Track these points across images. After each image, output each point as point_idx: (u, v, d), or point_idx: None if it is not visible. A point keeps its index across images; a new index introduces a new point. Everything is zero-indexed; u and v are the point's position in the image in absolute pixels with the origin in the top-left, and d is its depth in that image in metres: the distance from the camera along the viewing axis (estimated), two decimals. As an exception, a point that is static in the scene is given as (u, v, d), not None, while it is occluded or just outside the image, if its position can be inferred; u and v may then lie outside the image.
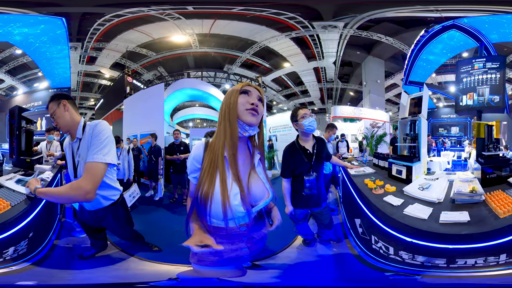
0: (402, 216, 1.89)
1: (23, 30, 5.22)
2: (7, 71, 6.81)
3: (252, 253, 1.11)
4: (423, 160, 2.80)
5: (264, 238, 1.17)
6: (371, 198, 2.18)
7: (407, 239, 1.75)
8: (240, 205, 0.96)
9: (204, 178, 0.95)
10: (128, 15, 5.49)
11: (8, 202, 1.86)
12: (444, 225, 1.73)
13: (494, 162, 2.42)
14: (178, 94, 6.97)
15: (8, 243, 1.69)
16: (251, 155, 1.06)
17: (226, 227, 0.99)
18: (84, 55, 6.79)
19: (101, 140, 1.33)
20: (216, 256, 1.03)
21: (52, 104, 1.53)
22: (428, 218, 1.82)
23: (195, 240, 0.91)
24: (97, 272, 1.89)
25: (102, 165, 1.29)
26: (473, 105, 4.97)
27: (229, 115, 0.95)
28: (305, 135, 2.08)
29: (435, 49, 5.90)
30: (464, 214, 1.80)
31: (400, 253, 1.80)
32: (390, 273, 1.80)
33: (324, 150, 2.13)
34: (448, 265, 1.67)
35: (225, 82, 7.78)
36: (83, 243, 2.28)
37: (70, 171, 1.59)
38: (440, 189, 2.27)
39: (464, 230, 1.67)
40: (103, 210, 1.65)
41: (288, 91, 9.27)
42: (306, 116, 2.01)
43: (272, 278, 1.82)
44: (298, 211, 2.15)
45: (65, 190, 1.27)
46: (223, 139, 0.96)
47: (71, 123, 1.52)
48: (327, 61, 7.36)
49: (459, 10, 5.12)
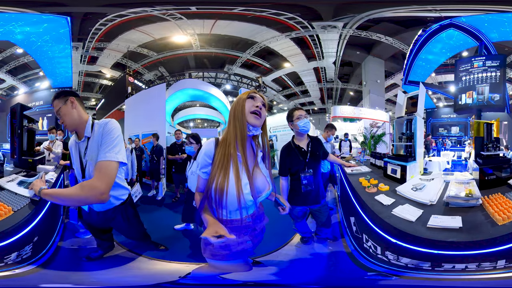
0: (389, 216, 1.81)
1: (25, 28, 5.21)
2: (8, 71, 6.84)
3: (254, 246, 1.20)
4: (419, 159, 2.75)
5: (263, 230, 1.26)
6: (363, 196, 2.16)
7: (392, 240, 1.69)
8: (249, 194, 1.08)
9: (218, 172, 1.05)
10: (130, 15, 5.51)
11: (10, 207, 1.72)
12: (431, 230, 1.61)
13: (493, 163, 2.28)
14: (179, 94, 7.00)
15: (11, 249, 1.58)
16: (254, 153, 1.17)
17: (241, 217, 1.10)
18: (86, 55, 6.81)
19: (113, 139, 1.29)
20: (226, 250, 1.11)
21: (58, 101, 1.44)
22: (416, 220, 1.72)
23: (211, 231, 0.98)
24: (111, 273, 1.86)
25: (115, 164, 1.23)
26: (473, 104, 4.91)
27: (239, 115, 1.08)
28: (300, 135, 2.17)
29: (434, 48, 5.90)
30: (456, 220, 1.66)
31: (386, 253, 1.74)
32: (371, 273, 1.77)
33: (319, 148, 2.19)
34: (433, 268, 1.57)
35: (226, 83, 7.81)
36: (88, 244, 2.27)
37: (78, 171, 1.52)
38: (435, 191, 2.16)
39: (452, 237, 1.52)
40: (113, 210, 1.61)
41: (289, 91, 9.30)
42: (302, 117, 2.10)
43: (271, 275, 1.84)
44: (297, 209, 2.19)
45: (76, 191, 1.18)
46: (234, 137, 1.07)
47: (79, 121, 1.45)
48: (327, 61, 7.39)
49: (457, 9, 5.12)
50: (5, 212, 1.68)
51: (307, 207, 2.22)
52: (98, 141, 1.33)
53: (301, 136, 2.19)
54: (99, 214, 1.62)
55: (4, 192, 2.01)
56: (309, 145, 2.16)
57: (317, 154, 2.17)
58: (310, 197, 2.14)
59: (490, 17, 4.93)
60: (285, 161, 2.17)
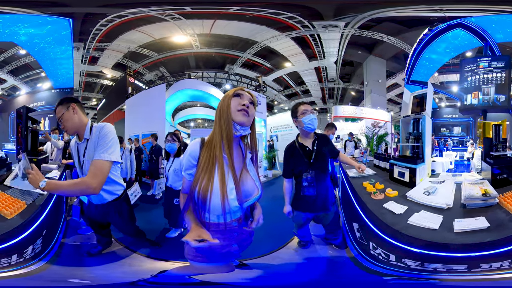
0: (406, 226, 1.68)
1: (29, 30, 5.29)
2: (9, 71, 6.89)
3: (241, 249, 1.16)
4: (427, 161, 2.59)
5: (252, 234, 1.21)
6: (369, 205, 1.98)
7: (414, 250, 1.59)
8: (235, 200, 1.01)
9: (203, 174, 1.00)
10: (129, 16, 5.53)
11: (24, 202, 1.91)
12: (460, 234, 1.56)
13: (503, 163, 2.29)
14: (179, 95, 7.00)
15: (27, 243, 1.73)
16: (243, 154, 1.11)
17: (225, 221, 1.04)
18: (86, 56, 6.84)
19: (107, 141, 1.45)
20: (209, 253, 1.08)
21: (61, 108, 1.57)
22: (440, 228, 1.62)
23: (193, 235, 0.95)
24: (107, 268, 1.94)
25: (107, 163, 1.40)
26: (478, 105, 4.85)
27: (225, 115, 1.01)
28: (305, 133, 1.92)
29: (439, 48, 5.82)
30: (481, 220, 1.64)
31: (405, 261, 1.66)
32: (390, 277, 1.70)
33: (326, 147, 1.94)
34: (470, 270, 1.56)
35: (226, 82, 7.79)
36: (90, 240, 2.36)
37: (77, 168, 1.69)
38: (448, 193, 2.03)
39: (487, 237, 1.50)
40: (108, 204, 1.74)
41: (290, 90, 9.27)
42: (307, 112, 1.84)
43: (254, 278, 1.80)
44: (301, 215, 1.98)
45: (75, 183, 1.37)
46: (220, 138, 1.01)
47: (79, 125, 1.59)
48: (328, 60, 7.35)
49: (464, 9, 5.07)
50: (21, 205, 1.87)
51: (313, 214, 1.98)
52: (95, 142, 1.49)
53: (306, 134, 1.93)
54: (97, 207, 1.76)
55: (14, 190, 2.17)
56: (314, 143, 1.90)
57: (324, 154, 1.92)
58: (317, 203, 1.90)
59: (499, 17, 4.89)
60: (288, 162, 1.95)
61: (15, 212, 1.79)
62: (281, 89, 9.18)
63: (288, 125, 8.13)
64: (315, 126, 1.87)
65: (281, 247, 2.33)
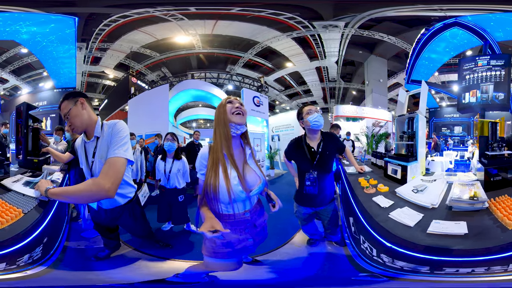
0: (385, 219, 1.71)
1: (31, 28, 5.21)
2: (11, 71, 6.88)
3: (256, 244, 1.28)
4: (420, 159, 2.62)
5: (265, 228, 1.34)
6: (361, 197, 2.07)
7: (387, 243, 1.60)
8: (238, 185, 1.17)
9: (210, 173, 1.18)
10: (133, 16, 5.53)
11: (20, 210, 1.69)
12: (431, 236, 1.49)
13: (499, 163, 2.14)
14: (182, 95, 7.02)
15: (23, 252, 1.56)
16: (243, 150, 1.28)
17: (233, 211, 1.20)
18: (89, 55, 6.84)
19: (122, 137, 1.31)
20: (228, 248, 1.20)
21: (67, 103, 1.39)
22: (415, 225, 1.60)
23: (207, 226, 1.06)
24: (121, 272, 1.89)
25: (123, 160, 1.24)
26: (476, 103, 4.83)
27: (221, 121, 1.20)
28: (312, 132, 1.99)
29: (438, 47, 5.84)
30: (461, 226, 1.52)
31: (382, 256, 1.67)
32: (362, 274, 1.72)
33: (332, 147, 2.02)
34: (432, 271, 1.48)
35: (228, 83, 7.82)
36: (95, 244, 2.27)
37: (85, 170, 1.53)
38: (437, 193, 2.02)
39: (457, 244, 1.40)
40: (121, 208, 1.64)
41: (291, 90, 9.30)
42: (312, 111, 1.93)
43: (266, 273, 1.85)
44: (301, 208, 2.09)
45: (85, 187, 1.15)
46: (220, 142, 1.19)
47: (89, 122, 1.44)
48: (329, 60, 7.37)
49: (463, 9, 5.07)
50: (16, 214, 1.65)
51: (313, 208, 2.08)
52: (108, 140, 1.34)
53: (313, 134, 2.00)
54: (107, 212, 1.65)
55: (11, 193, 1.98)
56: (320, 145, 1.97)
57: (329, 155, 2.00)
58: (315, 199, 2.01)
59: (497, 16, 4.85)
60: (291, 154, 2.09)
61: (7, 222, 1.58)
62: (283, 89, 9.21)
63: (289, 124, 8.16)
64: (321, 123, 1.95)
65: (285, 243, 2.37)
